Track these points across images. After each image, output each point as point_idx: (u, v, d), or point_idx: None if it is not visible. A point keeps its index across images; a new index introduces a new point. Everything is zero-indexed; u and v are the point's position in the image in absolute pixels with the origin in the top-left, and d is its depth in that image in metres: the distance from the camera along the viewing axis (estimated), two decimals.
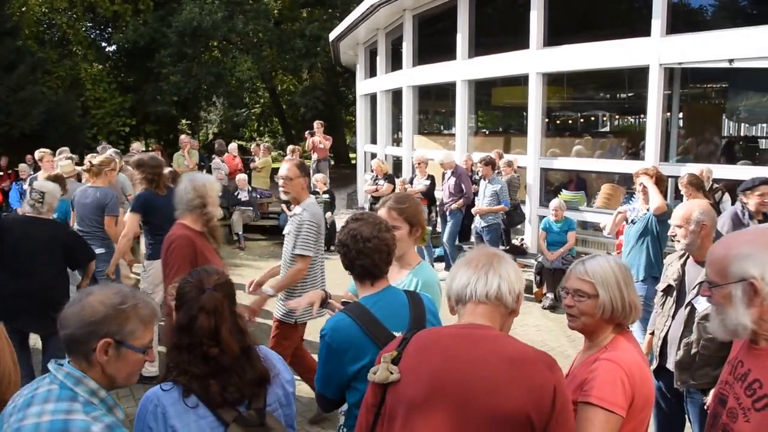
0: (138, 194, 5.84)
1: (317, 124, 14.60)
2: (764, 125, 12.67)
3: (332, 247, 9.68)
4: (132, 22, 23.55)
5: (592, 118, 14.18)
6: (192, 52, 23.17)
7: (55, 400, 1.78)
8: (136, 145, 14.02)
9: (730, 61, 8.11)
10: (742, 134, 12.67)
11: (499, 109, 15.39)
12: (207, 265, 2.69)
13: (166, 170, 7.72)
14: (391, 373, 1.81)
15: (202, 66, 23.58)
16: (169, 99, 23.80)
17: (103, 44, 27.24)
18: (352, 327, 2.36)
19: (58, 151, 11.11)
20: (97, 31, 27.45)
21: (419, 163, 10.08)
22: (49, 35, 24.63)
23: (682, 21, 8.72)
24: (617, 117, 14.41)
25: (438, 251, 9.96)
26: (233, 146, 14.33)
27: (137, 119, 24.45)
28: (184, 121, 29.84)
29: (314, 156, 14.58)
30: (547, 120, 10.98)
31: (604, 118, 14.26)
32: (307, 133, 15.45)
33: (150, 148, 15.07)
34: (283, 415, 2.30)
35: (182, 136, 13.82)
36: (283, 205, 12.01)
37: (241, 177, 12.57)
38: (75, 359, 1.89)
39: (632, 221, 5.71)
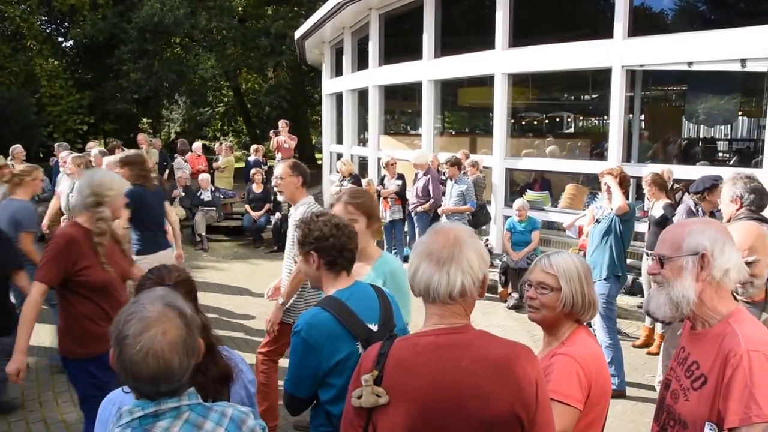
0: (129, 190, 5.72)
1: (282, 124, 14.47)
2: (722, 127, 13.00)
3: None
4: (90, 16, 22.96)
5: (557, 119, 14.36)
6: (153, 49, 22.71)
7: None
8: (92, 144, 13.66)
9: (689, 63, 8.29)
10: (701, 135, 12.98)
11: (465, 110, 15.47)
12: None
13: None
14: (379, 396, 1.74)
15: (164, 63, 23.14)
16: (129, 97, 23.30)
17: (60, 39, 26.51)
18: (330, 321, 2.32)
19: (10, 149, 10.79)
20: (53, 26, 26.72)
21: (389, 164, 10.04)
22: (1, 29, 23.78)
23: (643, 24, 8.86)
24: (581, 118, 14.61)
25: (407, 251, 9.93)
26: (197, 145, 14.10)
27: (96, 117, 23.85)
28: (145, 120, 29.28)
29: (278, 156, 14.44)
30: (512, 121, 11.05)
31: (569, 119, 14.45)
32: (271, 132, 15.31)
33: (107, 146, 14.62)
34: None
35: (140, 136, 13.55)
36: (247, 206, 11.88)
37: (204, 177, 12.36)
38: None
39: (597, 220, 5.78)
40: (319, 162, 23.67)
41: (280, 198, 4.36)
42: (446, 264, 1.77)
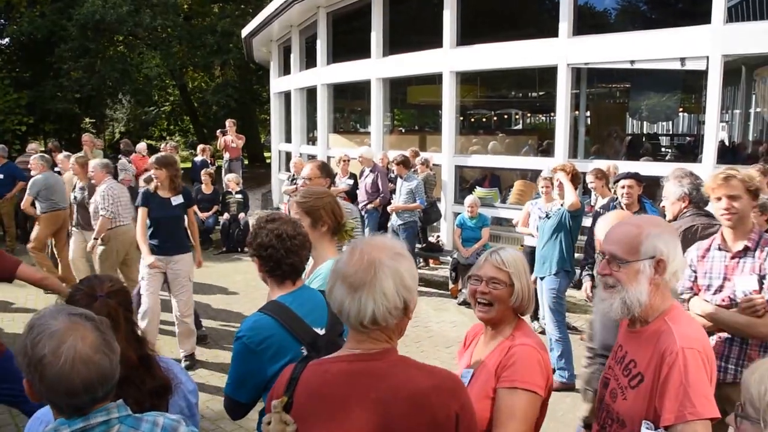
0: (186, 189, 6.07)
1: (229, 123, 14.26)
2: (664, 123, 13.39)
3: (246, 249, 9.41)
4: (27, 13, 22.09)
5: (505, 116, 14.53)
6: (95, 47, 22.04)
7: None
8: (33, 146, 13.15)
9: (632, 62, 8.49)
10: (644, 131, 13.33)
11: (414, 108, 15.52)
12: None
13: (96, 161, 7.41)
14: (287, 424, 1.67)
15: (107, 62, 22.49)
16: (70, 96, 22.55)
17: None
18: (272, 325, 2.31)
19: None
20: None
21: (343, 162, 9.97)
22: None
23: (587, 23, 9.04)
24: (529, 115, 14.82)
25: None
26: (142, 146, 13.75)
27: (35, 118, 22.95)
28: (87, 120, 28.42)
29: (226, 156, 14.23)
30: (461, 118, 11.13)
31: (517, 116, 14.64)
32: (218, 132, 15.06)
33: (47, 147, 14.05)
34: None
35: (84, 135, 13.10)
36: (195, 207, 11.58)
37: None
38: None
39: (547, 216, 5.83)
40: (268, 161, 23.43)
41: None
42: (358, 290, 1.63)
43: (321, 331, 2.38)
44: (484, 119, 14.45)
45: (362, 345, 1.69)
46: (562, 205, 5.65)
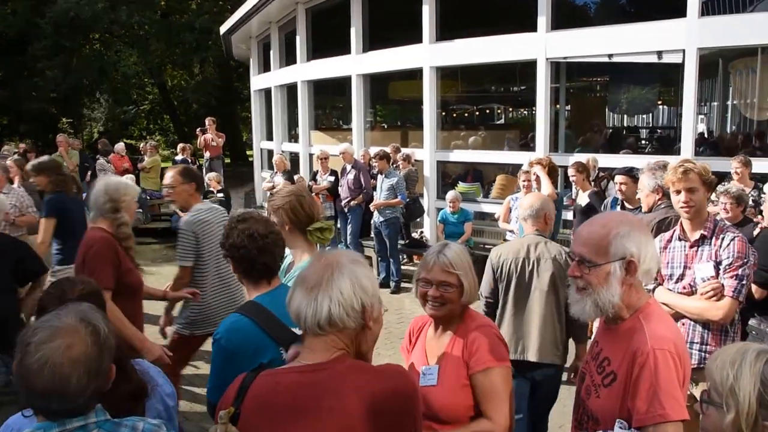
0: (49, 198, 5.40)
1: (209, 121, 14.13)
2: (643, 116, 13.50)
3: None
4: None
5: (487, 111, 14.53)
6: (70, 45, 21.73)
7: None
8: (7, 148, 12.95)
9: (610, 56, 8.54)
10: (624, 124, 13.44)
11: (396, 103, 15.48)
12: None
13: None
14: None
15: (83, 60, 22.20)
16: (46, 95, 22.21)
17: None
18: (250, 326, 2.28)
19: None
20: None
21: (321, 159, 9.92)
22: None
23: (565, 17, 9.06)
24: (510, 109, 14.85)
25: (342, 248, 9.83)
26: (120, 146, 13.59)
27: (9, 118, 22.60)
28: (64, 120, 28.06)
29: (207, 154, 14.10)
30: (443, 113, 11.12)
31: (498, 111, 14.65)
32: (198, 130, 14.93)
33: (16, 150, 13.75)
34: None
35: (59, 136, 12.93)
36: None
37: (129, 178, 11.87)
38: None
39: None
40: (250, 159, 23.31)
41: (172, 207, 4.22)
42: (314, 290, 1.63)
43: (299, 332, 2.35)
44: (466, 114, 14.45)
45: (316, 354, 1.64)
46: None
